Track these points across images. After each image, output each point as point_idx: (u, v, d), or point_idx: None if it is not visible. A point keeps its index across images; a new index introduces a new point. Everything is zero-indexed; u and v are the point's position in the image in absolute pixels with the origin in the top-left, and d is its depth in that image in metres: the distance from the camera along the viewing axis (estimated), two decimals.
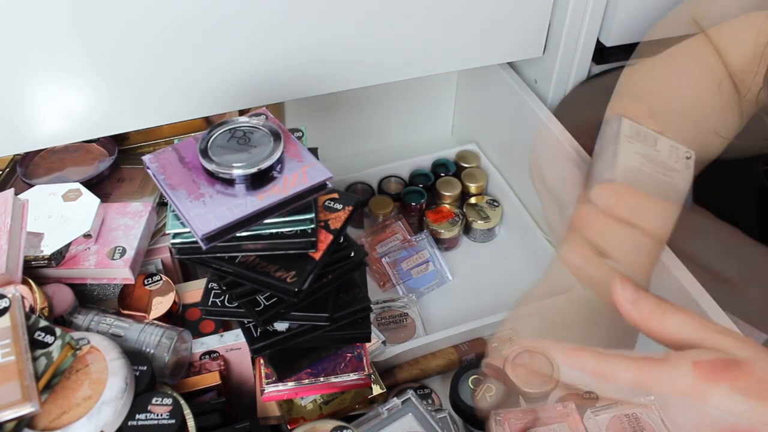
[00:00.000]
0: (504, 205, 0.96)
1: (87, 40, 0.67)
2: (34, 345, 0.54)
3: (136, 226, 0.70)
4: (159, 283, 0.70)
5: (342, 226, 0.59)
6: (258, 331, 0.61)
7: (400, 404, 0.66)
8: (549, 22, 0.88)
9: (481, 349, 0.79)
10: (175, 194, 0.56)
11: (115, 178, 0.83)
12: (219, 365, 0.66)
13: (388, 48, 0.80)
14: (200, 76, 0.74)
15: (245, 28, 0.72)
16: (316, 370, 0.64)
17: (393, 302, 0.86)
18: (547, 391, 0.76)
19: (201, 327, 0.71)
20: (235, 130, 0.59)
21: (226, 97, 0.76)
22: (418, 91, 1.08)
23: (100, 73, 0.70)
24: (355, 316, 0.63)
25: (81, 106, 0.71)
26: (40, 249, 0.66)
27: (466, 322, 0.80)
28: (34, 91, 0.69)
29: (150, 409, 0.56)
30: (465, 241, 0.96)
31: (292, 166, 0.57)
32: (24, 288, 0.60)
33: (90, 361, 0.56)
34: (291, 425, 0.64)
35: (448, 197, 0.96)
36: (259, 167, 0.55)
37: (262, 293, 0.59)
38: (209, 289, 0.62)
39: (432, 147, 1.07)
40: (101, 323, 0.64)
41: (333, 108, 1.04)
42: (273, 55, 0.75)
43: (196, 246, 0.56)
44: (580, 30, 0.88)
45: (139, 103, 0.73)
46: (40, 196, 0.70)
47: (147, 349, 0.62)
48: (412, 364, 0.77)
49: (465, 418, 0.72)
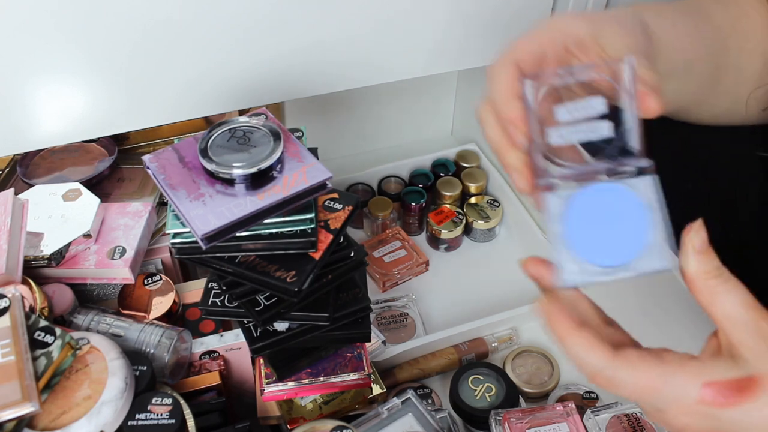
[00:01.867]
0: (504, 205, 0.96)
1: (87, 40, 0.67)
2: (34, 345, 0.54)
3: (136, 226, 0.70)
4: (159, 283, 0.70)
5: (342, 226, 0.59)
6: (258, 331, 0.61)
7: (400, 404, 0.66)
8: None
9: (481, 349, 0.79)
10: (175, 194, 0.56)
11: (115, 178, 0.83)
12: (219, 365, 0.66)
13: (388, 48, 0.80)
14: (200, 75, 0.74)
15: (245, 27, 0.72)
16: (316, 370, 0.64)
17: (393, 302, 0.86)
18: (547, 391, 0.76)
19: (201, 327, 0.71)
20: (235, 130, 0.59)
21: (226, 97, 0.76)
22: (418, 91, 1.08)
23: (100, 73, 0.70)
24: (355, 316, 0.63)
25: (81, 106, 0.71)
26: (40, 249, 0.66)
27: (466, 322, 0.80)
28: (34, 91, 0.69)
29: (150, 409, 0.56)
30: (465, 241, 0.96)
31: (292, 166, 0.57)
32: (24, 288, 0.60)
33: (90, 361, 0.56)
34: (291, 425, 0.64)
35: (448, 197, 0.96)
36: (259, 167, 0.55)
37: (262, 293, 0.59)
38: (209, 289, 0.63)
39: (432, 147, 1.07)
40: (101, 323, 0.64)
41: (333, 108, 1.04)
42: (273, 55, 0.75)
43: (196, 246, 0.56)
44: None
45: (139, 103, 0.73)
46: (40, 196, 0.70)
47: (147, 349, 0.62)
48: (412, 364, 0.77)
49: (465, 418, 0.72)
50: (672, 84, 0.60)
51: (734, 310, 0.40)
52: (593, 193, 0.44)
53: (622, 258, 0.42)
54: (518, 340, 0.82)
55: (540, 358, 0.79)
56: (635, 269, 0.42)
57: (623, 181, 0.44)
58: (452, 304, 0.87)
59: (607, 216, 0.43)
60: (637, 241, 0.42)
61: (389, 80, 0.84)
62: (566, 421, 0.62)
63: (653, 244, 0.42)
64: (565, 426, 0.62)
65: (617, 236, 0.43)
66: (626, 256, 0.42)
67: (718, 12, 0.63)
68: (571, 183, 0.44)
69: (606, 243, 0.43)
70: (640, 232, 0.42)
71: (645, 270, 0.42)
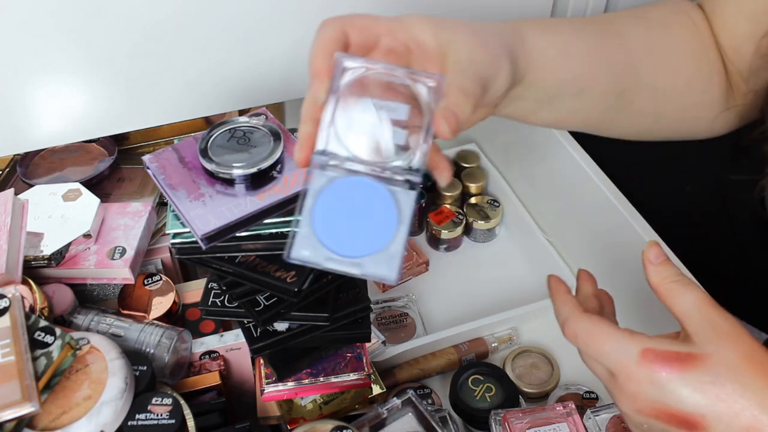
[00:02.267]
0: (504, 205, 0.96)
1: (87, 40, 0.67)
2: (34, 345, 0.54)
3: (136, 226, 0.70)
4: (159, 283, 0.70)
5: None
6: (258, 331, 0.61)
7: (400, 404, 0.66)
8: None
9: (481, 349, 0.79)
10: (175, 194, 0.56)
11: (115, 178, 0.83)
12: (219, 365, 0.66)
13: None
14: (200, 76, 0.74)
15: (245, 27, 0.72)
16: (316, 370, 0.65)
17: (393, 302, 0.86)
18: (547, 391, 0.76)
19: (201, 327, 0.71)
20: (235, 130, 0.59)
21: (226, 97, 0.76)
22: None
23: (100, 73, 0.70)
24: (355, 316, 0.63)
25: (81, 106, 0.71)
26: (40, 249, 0.66)
27: (466, 322, 0.80)
28: (34, 91, 0.69)
29: (150, 409, 0.56)
30: (465, 241, 0.96)
31: (292, 166, 0.57)
32: (24, 288, 0.60)
33: (90, 361, 0.56)
34: (291, 425, 0.64)
35: (448, 197, 0.96)
36: (259, 167, 0.55)
37: (262, 293, 0.59)
38: (209, 289, 0.63)
39: None
40: (101, 323, 0.64)
41: None
42: (273, 55, 0.75)
43: (196, 246, 0.56)
44: None
45: (139, 103, 0.73)
46: (40, 196, 0.70)
47: (147, 349, 0.62)
48: (412, 364, 0.77)
49: (465, 418, 0.72)
50: (566, 104, 0.60)
51: (690, 307, 0.44)
52: (356, 184, 0.45)
53: (355, 252, 0.44)
54: (518, 340, 0.82)
55: (540, 358, 0.79)
56: (362, 268, 0.43)
57: (388, 186, 0.45)
58: (452, 304, 0.87)
59: (358, 210, 0.45)
60: (375, 243, 0.44)
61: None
62: (566, 422, 0.62)
63: (389, 251, 0.44)
64: (565, 426, 0.62)
65: (360, 231, 0.44)
66: (359, 251, 0.44)
67: (636, 34, 0.63)
68: (342, 170, 0.45)
69: (347, 233, 0.44)
70: (382, 236, 0.44)
71: (371, 273, 0.44)
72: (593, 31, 0.61)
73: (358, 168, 0.45)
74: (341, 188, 0.45)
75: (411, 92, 0.46)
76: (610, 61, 0.60)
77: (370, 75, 0.45)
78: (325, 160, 0.45)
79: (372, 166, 0.45)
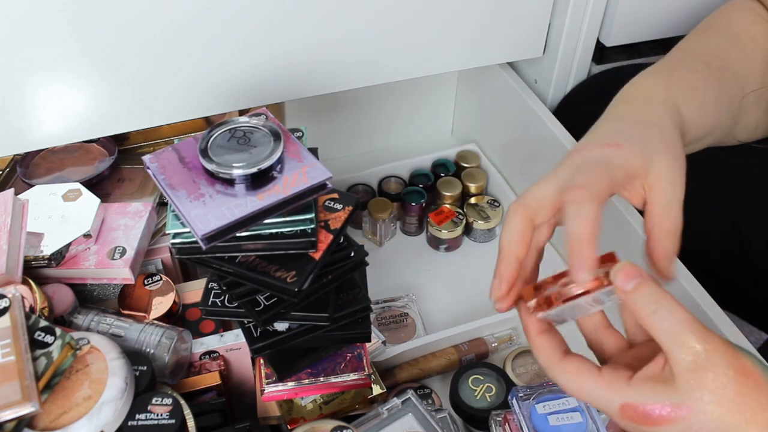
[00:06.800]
0: (504, 205, 0.96)
1: (87, 40, 0.67)
2: (34, 345, 0.54)
3: (136, 226, 0.70)
4: (159, 283, 0.70)
5: (342, 226, 0.59)
6: (258, 331, 0.61)
7: (400, 404, 0.66)
8: (549, 22, 0.88)
9: (482, 349, 0.79)
10: (175, 194, 0.56)
11: (115, 178, 0.83)
12: (219, 365, 0.66)
13: (388, 48, 0.80)
14: (200, 76, 0.74)
15: (245, 28, 0.72)
16: (316, 370, 0.65)
17: (393, 302, 0.86)
18: None
19: (201, 327, 0.71)
20: (235, 130, 0.59)
21: (226, 97, 0.76)
22: (418, 91, 1.08)
23: (100, 74, 0.70)
24: (355, 316, 0.63)
25: (81, 107, 0.71)
26: (40, 249, 0.66)
27: (466, 322, 0.80)
28: (34, 92, 0.69)
29: (150, 409, 0.56)
30: (465, 241, 0.96)
31: (292, 166, 0.57)
32: (24, 288, 0.60)
33: (90, 361, 0.56)
34: (291, 425, 0.64)
35: (448, 197, 0.96)
36: (259, 167, 0.55)
37: (262, 293, 0.59)
38: (209, 289, 0.63)
39: (432, 147, 1.07)
40: (101, 323, 0.64)
41: (333, 108, 1.04)
42: (273, 55, 0.75)
43: (196, 246, 0.56)
44: (580, 30, 0.88)
45: (139, 103, 0.73)
46: (40, 196, 0.70)
47: (147, 349, 0.62)
48: (412, 364, 0.77)
49: (465, 418, 0.72)
50: (691, 146, 0.62)
51: (670, 340, 0.42)
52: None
53: None
54: (518, 340, 0.82)
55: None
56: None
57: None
58: (452, 304, 0.87)
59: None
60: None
61: (389, 80, 0.84)
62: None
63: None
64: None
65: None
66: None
67: (738, 59, 0.66)
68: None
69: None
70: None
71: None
72: (713, 74, 0.63)
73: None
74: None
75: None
76: (731, 98, 0.64)
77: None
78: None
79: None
